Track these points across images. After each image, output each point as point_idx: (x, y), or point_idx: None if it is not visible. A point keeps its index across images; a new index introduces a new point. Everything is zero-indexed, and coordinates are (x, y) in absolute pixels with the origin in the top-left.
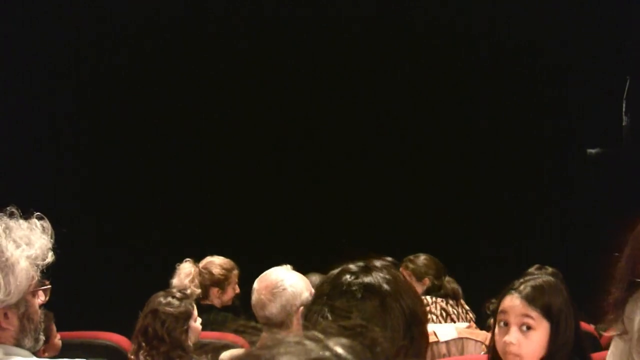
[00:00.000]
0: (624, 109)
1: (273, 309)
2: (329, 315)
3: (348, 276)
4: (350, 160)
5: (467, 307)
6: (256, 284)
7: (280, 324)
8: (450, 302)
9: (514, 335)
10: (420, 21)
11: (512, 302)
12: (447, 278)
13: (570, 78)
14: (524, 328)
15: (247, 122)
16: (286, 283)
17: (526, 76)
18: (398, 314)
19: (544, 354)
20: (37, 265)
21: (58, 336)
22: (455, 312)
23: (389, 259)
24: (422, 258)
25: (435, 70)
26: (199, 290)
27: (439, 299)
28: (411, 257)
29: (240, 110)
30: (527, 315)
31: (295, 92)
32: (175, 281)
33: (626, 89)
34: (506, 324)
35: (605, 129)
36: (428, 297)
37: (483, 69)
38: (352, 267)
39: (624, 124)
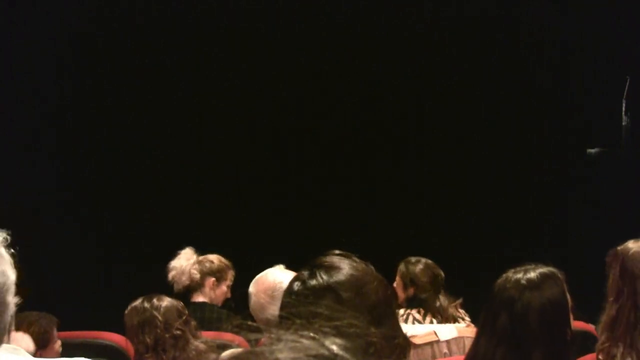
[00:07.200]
0: (624, 109)
1: (274, 311)
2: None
3: (296, 284)
4: (350, 160)
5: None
6: (253, 288)
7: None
8: (432, 318)
9: None
10: (421, 20)
11: None
12: (442, 297)
13: (571, 78)
14: None
15: (245, 121)
16: (285, 284)
17: (526, 76)
18: (359, 303)
19: None
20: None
21: (59, 342)
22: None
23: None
24: (420, 266)
25: (436, 71)
26: (198, 275)
27: (413, 311)
28: (412, 259)
29: (238, 111)
30: None
31: (293, 93)
32: (174, 263)
33: (626, 89)
34: None
35: (605, 129)
36: (401, 310)
37: (483, 68)
38: (302, 273)
39: (624, 124)
